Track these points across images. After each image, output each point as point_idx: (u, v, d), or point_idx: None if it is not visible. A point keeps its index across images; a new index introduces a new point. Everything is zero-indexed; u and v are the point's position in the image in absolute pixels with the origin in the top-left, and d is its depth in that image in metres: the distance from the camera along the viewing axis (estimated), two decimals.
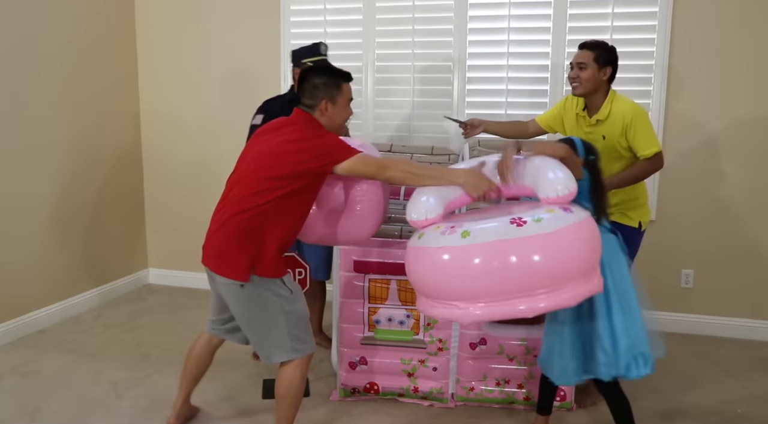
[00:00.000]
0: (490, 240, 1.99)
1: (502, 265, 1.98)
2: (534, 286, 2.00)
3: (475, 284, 2.02)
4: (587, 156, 2.42)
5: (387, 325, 2.92)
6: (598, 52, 2.88)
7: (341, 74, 2.47)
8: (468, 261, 2.00)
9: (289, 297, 2.40)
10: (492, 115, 3.94)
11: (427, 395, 2.97)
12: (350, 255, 2.87)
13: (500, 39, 3.90)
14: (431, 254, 2.09)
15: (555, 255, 1.98)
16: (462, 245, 2.01)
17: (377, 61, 4.11)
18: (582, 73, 2.87)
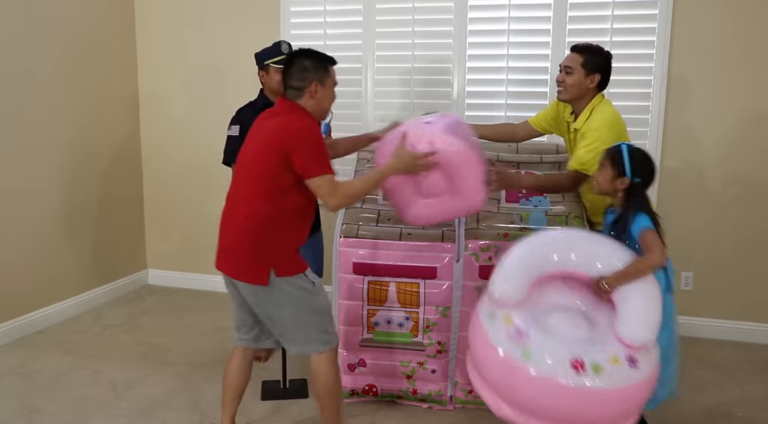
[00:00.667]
0: (545, 376, 2.03)
1: (550, 397, 2.04)
2: (573, 422, 2.08)
3: (517, 397, 2.11)
4: (633, 177, 2.29)
5: (386, 327, 2.91)
6: (587, 56, 2.72)
7: (327, 58, 2.48)
8: (519, 380, 2.08)
9: (312, 290, 2.41)
10: (491, 118, 3.94)
11: (426, 397, 2.96)
12: (350, 257, 2.86)
13: (500, 41, 3.90)
14: (490, 347, 2.16)
15: (600, 408, 2.04)
16: (519, 365, 2.07)
17: (377, 62, 4.10)
18: (567, 78, 2.73)
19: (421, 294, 2.84)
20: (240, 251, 2.37)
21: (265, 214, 2.31)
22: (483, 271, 2.80)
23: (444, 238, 2.84)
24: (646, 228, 2.21)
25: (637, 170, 2.29)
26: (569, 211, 2.90)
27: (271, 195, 2.31)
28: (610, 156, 2.35)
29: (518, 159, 3.19)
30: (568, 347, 2.06)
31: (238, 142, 3.06)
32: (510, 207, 2.94)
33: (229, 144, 3.13)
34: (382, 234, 2.86)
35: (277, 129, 2.33)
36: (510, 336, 2.11)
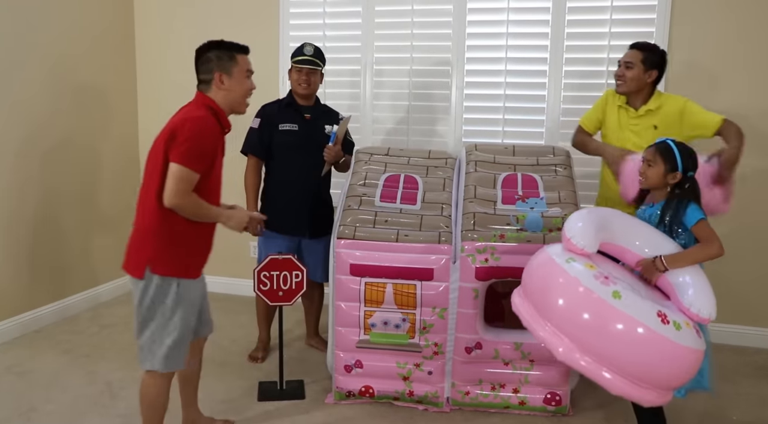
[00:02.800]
0: (635, 316, 2.06)
1: (628, 340, 2.06)
2: (630, 371, 2.10)
3: (591, 339, 2.11)
4: (686, 172, 2.38)
5: (383, 328, 2.91)
6: (646, 53, 2.99)
7: (234, 46, 2.41)
8: (606, 320, 2.08)
9: (172, 306, 2.39)
10: (489, 120, 3.96)
11: (422, 399, 2.97)
12: (347, 258, 2.87)
13: (498, 44, 3.91)
14: (573, 283, 2.16)
15: (667, 363, 2.08)
16: (608, 303, 2.09)
17: (376, 65, 4.12)
18: (627, 72, 3.00)
19: (418, 295, 2.85)
20: (129, 244, 2.40)
21: (153, 208, 2.28)
22: (479, 272, 2.81)
23: (441, 239, 2.85)
24: (702, 219, 2.32)
25: (687, 163, 2.38)
26: (566, 212, 2.90)
27: (160, 189, 2.25)
28: (661, 152, 2.41)
29: (515, 162, 3.20)
30: (651, 301, 2.15)
31: (257, 134, 3.31)
32: (506, 209, 2.94)
33: (248, 135, 3.39)
34: (379, 236, 2.87)
35: (170, 122, 2.34)
36: (596, 277, 2.15)
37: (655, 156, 2.42)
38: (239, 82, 2.39)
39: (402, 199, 3.04)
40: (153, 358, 2.37)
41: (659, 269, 2.29)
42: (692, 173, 2.39)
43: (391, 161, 3.27)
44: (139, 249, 2.35)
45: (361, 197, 3.04)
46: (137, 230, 2.37)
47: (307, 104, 3.37)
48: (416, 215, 2.96)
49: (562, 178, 3.09)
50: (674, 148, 2.39)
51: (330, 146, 3.27)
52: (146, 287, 2.32)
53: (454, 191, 3.12)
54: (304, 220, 3.36)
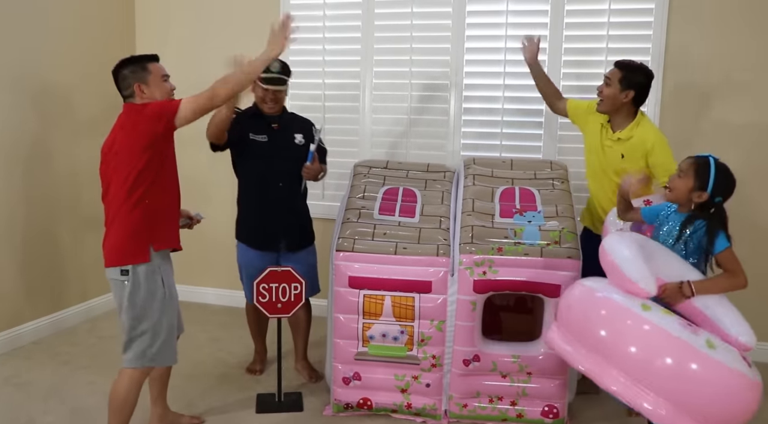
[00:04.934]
0: (727, 364, 2.04)
1: (727, 391, 2.04)
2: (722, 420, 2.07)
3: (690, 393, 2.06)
4: (713, 195, 2.30)
5: (381, 340, 2.92)
6: (625, 73, 2.94)
7: (144, 57, 2.59)
8: (705, 372, 2.04)
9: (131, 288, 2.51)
10: (487, 134, 3.99)
11: (420, 411, 2.97)
12: (345, 271, 2.89)
13: (497, 59, 3.95)
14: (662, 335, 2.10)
15: (751, 405, 2.07)
16: (711, 358, 2.05)
17: (375, 79, 4.15)
18: (605, 89, 2.99)
19: (416, 308, 2.86)
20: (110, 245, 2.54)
21: (127, 204, 2.46)
22: (477, 285, 2.83)
23: (439, 252, 2.87)
24: (729, 248, 2.27)
25: (719, 188, 2.29)
26: (563, 226, 2.93)
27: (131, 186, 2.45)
28: (696, 167, 2.32)
29: (512, 176, 3.23)
30: (730, 346, 2.15)
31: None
32: (504, 222, 2.97)
33: None
34: (377, 248, 2.89)
35: (115, 131, 2.50)
36: (684, 327, 2.12)
37: (689, 169, 2.33)
38: (158, 87, 2.56)
39: (401, 212, 3.06)
40: (144, 355, 2.48)
41: (686, 294, 2.23)
42: (720, 199, 2.30)
43: (390, 174, 3.30)
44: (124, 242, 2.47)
45: (360, 210, 3.06)
46: (117, 228, 2.48)
47: (274, 113, 3.23)
48: (415, 227, 2.98)
49: (559, 191, 3.11)
50: (711, 168, 2.28)
51: (308, 165, 3.13)
52: (136, 281, 2.45)
53: (453, 204, 3.14)
54: (279, 233, 3.22)
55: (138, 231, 2.45)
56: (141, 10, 4.62)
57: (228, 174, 3.38)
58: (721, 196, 2.30)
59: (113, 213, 2.48)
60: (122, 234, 2.45)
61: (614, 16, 3.77)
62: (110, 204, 2.49)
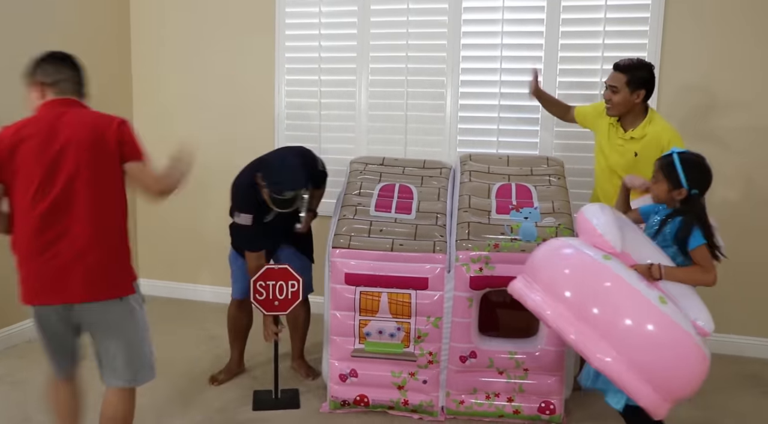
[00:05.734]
0: (679, 323, 2.10)
1: (670, 346, 2.08)
2: (659, 375, 2.09)
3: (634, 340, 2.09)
4: (690, 188, 2.29)
5: (377, 337, 2.92)
6: (630, 74, 2.87)
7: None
8: (653, 324, 2.08)
9: (143, 305, 2.36)
10: (484, 131, 3.99)
11: (417, 408, 2.97)
12: (342, 268, 2.88)
13: (493, 55, 3.95)
14: (620, 283, 2.13)
15: (696, 370, 2.13)
16: (656, 307, 2.10)
17: (371, 75, 4.14)
18: (614, 97, 2.91)
19: (413, 305, 2.86)
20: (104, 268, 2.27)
21: (121, 221, 2.32)
22: (474, 281, 2.83)
23: (435, 249, 2.86)
24: (704, 245, 2.27)
25: (693, 181, 2.28)
26: (559, 222, 2.93)
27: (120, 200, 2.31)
28: (663, 168, 2.33)
29: (509, 172, 3.22)
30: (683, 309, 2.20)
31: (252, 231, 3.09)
32: (500, 218, 2.97)
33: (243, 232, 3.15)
34: (374, 245, 2.88)
35: (93, 131, 2.23)
36: (641, 280, 2.17)
37: (658, 172, 2.35)
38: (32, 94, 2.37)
39: (397, 208, 3.06)
40: (152, 370, 2.42)
41: (654, 276, 2.24)
42: (696, 191, 2.28)
43: (386, 171, 3.29)
44: (123, 267, 2.30)
45: (356, 207, 3.05)
46: (112, 249, 2.26)
47: None
48: (411, 224, 2.97)
49: (556, 188, 3.11)
50: (677, 164, 2.28)
51: (300, 227, 3.09)
52: (136, 299, 2.33)
53: (449, 201, 3.13)
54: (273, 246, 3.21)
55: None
56: (136, 10, 4.59)
57: (226, 176, 3.34)
58: (697, 188, 2.28)
59: (106, 232, 2.26)
60: (125, 254, 2.31)
61: (611, 12, 3.76)
62: (97, 221, 2.25)
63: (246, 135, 4.39)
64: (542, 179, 3.16)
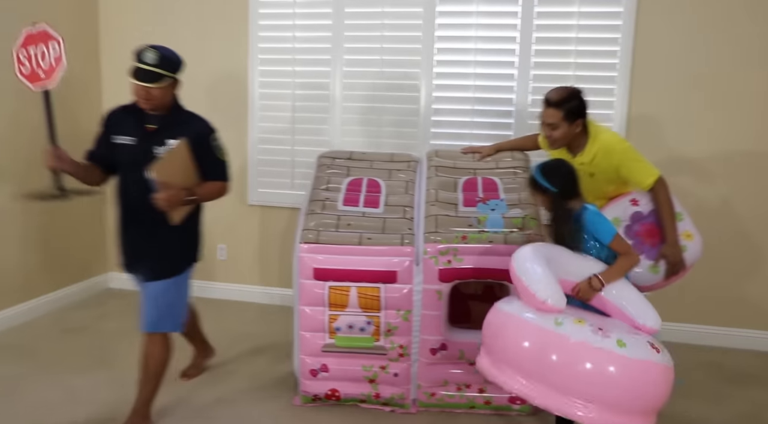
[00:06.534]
0: (640, 358, 2.15)
1: (645, 382, 2.16)
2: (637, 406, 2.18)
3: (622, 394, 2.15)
4: (557, 191, 2.46)
5: (348, 332, 2.92)
6: (565, 108, 2.77)
7: None
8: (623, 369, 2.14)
9: None
10: (459, 123, 3.99)
11: (389, 401, 2.98)
12: (310, 263, 2.87)
13: (467, 47, 3.94)
14: (581, 347, 2.17)
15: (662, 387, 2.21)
16: (625, 356, 2.14)
17: (345, 67, 4.11)
18: (554, 133, 2.82)
19: (382, 298, 2.86)
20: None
21: None
22: (443, 274, 2.83)
23: (403, 242, 2.86)
24: (616, 235, 2.44)
25: (555, 183, 2.46)
26: (526, 213, 2.94)
27: None
28: (531, 185, 2.53)
29: (475, 166, 3.24)
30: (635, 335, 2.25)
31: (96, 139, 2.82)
32: (468, 211, 2.97)
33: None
34: (342, 239, 2.87)
35: None
36: (594, 332, 2.20)
37: (531, 192, 2.56)
38: None
39: (365, 202, 3.05)
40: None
41: (596, 288, 2.37)
42: (557, 190, 2.44)
43: (354, 165, 3.28)
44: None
45: (324, 201, 3.04)
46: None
47: (155, 111, 2.68)
48: (379, 218, 2.97)
49: (521, 180, 3.13)
50: (538, 177, 2.48)
51: (157, 196, 2.52)
52: None
53: (417, 194, 3.13)
54: (140, 256, 2.75)
55: None
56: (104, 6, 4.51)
57: None
58: (557, 187, 2.44)
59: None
60: None
61: (583, 19, 3.77)
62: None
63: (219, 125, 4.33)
64: (507, 172, 3.17)
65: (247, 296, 4.45)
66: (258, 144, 4.32)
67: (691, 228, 2.87)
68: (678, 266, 2.78)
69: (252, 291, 4.46)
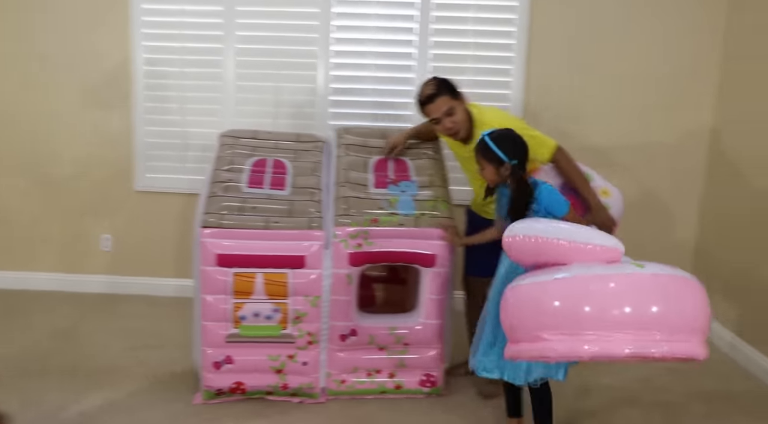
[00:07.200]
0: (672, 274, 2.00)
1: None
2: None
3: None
4: (510, 160, 2.37)
5: (253, 320, 2.77)
6: (447, 91, 2.73)
7: None
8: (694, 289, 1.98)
9: None
10: (359, 103, 3.92)
11: (297, 391, 2.87)
12: (213, 248, 2.69)
13: (365, 25, 3.86)
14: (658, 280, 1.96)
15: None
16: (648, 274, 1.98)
17: (238, 43, 3.89)
18: (456, 118, 2.74)
19: (290, 284, 2.74)
20: None
21: None
22: (353, 258, 2.76)
23: (312, 225, 2.75)
24: (570, 210, 2.38)
25: (510, 152, 2.37)
26: (437, 195, 2.92)
27: None
28: (480, 152, 2.42)
29: None
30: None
31: None
32: (378, 192, 2.91)
33: None
34: (247, 223, 2.71)
35: None
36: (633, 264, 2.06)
37: (479, 159, 2.44)
38: None
39: (270, 184, 2.90)
40: None
41: None
42: (516, 161, 2.36)
43: (258, 145, 3.11)
44: None
45: (227, 183, 2.86)
46: None
47: None
48: (286, 200, 2.83)
49: (431, 161, 3.10)
50: (490, 144, 2.38)
51: None
52: None
53: (325, 175, 3.02)
54: None
55: None
56: None
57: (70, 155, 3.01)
58: (516, 158, 2.37)
59: None
60: None
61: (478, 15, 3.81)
62: None
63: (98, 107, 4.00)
64: (418, 153, 3.14)
65: (136, 289, 4.13)
66: (144, 126, 4.01)
67: (604, 184, 2.88)
68: (609, 225, 2.75)
69: (142, 283, 4.14)
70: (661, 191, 3.95)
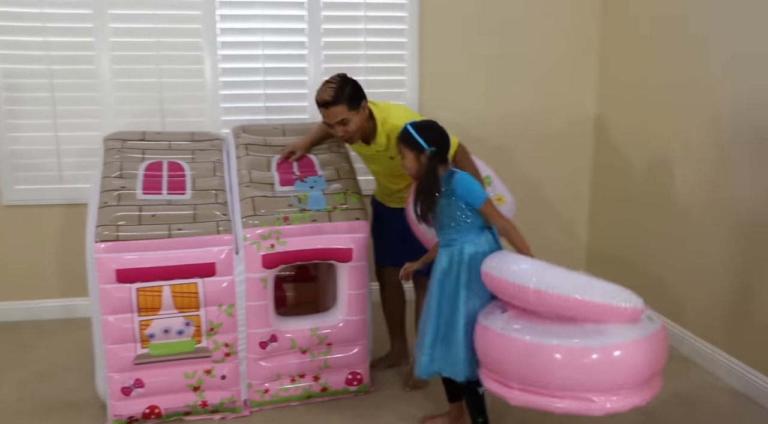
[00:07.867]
0: None
1: None
2: None
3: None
4: (429, 147, 2.33)
5: (164, 338, 2.56)
6: (345, 100, 2.61)
7: None
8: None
9: None
10: (250, 96, 3.72)
11: (218, 407, 2.69)
12: (110, 264, 2.44)
13: (253, 13, 3.65)
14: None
15: None
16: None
17: (113, 37, 3.56)
18: (349, 128, 2.66)
19: (201, 294, 2.56)
20: None
21: None
22: (266, 260, 2.62)
23: (219, 229, 2.58)
24: (487, 199, 2.34)
25: (430, 140, 2.34)
26: (346, 188, 2.84)
27: None
28: (402, 140, 2.38)
29: (286, 142, 3.03)
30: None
31: None
32: (286, 190, 2.78)
33: None
34: (147, 234, 2.49)
35: None
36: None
37: (401, 148, 2.38)
38: None
39: (169, 188, 2.69)
40: None
41: None
42: (435, 149, 2.32)
43: (150, 147, 2.87)
44: None
45: (119, 191, 2.61)
46: None
47: None
48: (188, 205, 2.64)
49: (335, 154, 3.02)
50: (412, 132, 2.35)
51: None
52: None
53: (227, 176, 2.84)
54: None
55: None
56: None
57: None
58: (436, 146, 2.34)
59: None
60: None
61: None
62: None
63: None
64: (320, 148, 3.04)
65: (17, 315, 3.70)
66: (7, 132, 3.56)
67: (501, 190, 2.90)
68: None
69: (23, 307, 3.70)
70: (550, 180, 4.08)
